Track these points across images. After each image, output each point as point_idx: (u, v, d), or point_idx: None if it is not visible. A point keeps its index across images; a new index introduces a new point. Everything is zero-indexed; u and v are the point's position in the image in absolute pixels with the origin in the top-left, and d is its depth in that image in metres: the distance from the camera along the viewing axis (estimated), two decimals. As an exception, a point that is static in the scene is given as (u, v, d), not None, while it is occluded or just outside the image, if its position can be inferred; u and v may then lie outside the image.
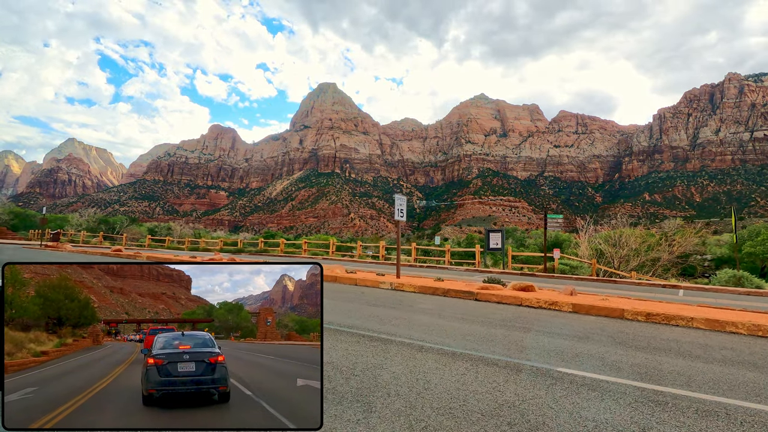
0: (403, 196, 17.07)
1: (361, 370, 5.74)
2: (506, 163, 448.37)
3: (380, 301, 12.41)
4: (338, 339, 7.51)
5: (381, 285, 15.59)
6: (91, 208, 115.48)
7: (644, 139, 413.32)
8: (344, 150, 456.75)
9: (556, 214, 27.88)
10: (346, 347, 6.96)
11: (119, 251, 30.31)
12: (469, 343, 7.57)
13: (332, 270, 17.83)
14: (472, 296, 13.12)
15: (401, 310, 10.80)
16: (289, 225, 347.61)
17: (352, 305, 11.40)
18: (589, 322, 9.96)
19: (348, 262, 32.75)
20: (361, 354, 6.57)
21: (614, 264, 31.85)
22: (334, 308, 10.79)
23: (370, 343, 7.33)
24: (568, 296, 12.17)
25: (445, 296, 13.69)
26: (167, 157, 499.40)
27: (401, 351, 6.85)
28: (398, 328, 8.65)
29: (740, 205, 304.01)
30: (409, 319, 9.72)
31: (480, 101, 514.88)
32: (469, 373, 5.78)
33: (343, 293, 13.88)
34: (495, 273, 25.52)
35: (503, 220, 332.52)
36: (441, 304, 12.01)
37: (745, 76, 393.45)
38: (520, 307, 11.86)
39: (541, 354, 6.95)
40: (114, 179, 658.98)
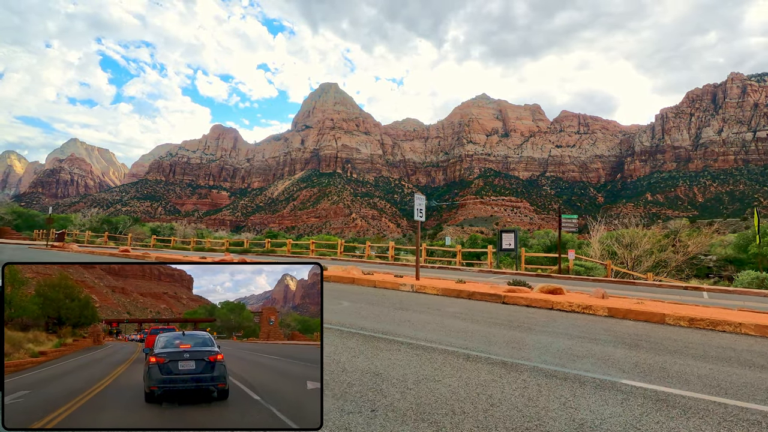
0: (422, 196, 16.65)
1: (414, 383, 5.31)
2: (508, 163, 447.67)
3: (405, 304, 11.99)
4: (377, 347, 7.08)
5: (401, 287, 15.16)
6: (93, 208, 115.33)
7: (646, 139, 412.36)
8: (346, 150, 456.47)
9: (571, 215, 27.36)
10: (388, 356, 6.54)
11: (127, 251, 29.95)
12: (515, 351, 7.14)
13: (349, 271, 17.42)
14: (499, 299, 12.69)
15: (431, 314, 10.38)
16: (290, 225, 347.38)
17: (378, 309, 10.98)
18: (631, 328, 9.52)
19: (357, 262, 32.33)
20: (408, 364, 6.15)
21: (627, 265, 31.37)
22: (361, 312, 10.38)
23: (411, 351, 6.90)
24: (601, 299, 11.71)
25: (470, 299, 13.24)
26: (169, 157, 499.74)
27: (447, 360, 6.43)
28: (435, 334, 8.22)
29: (743, 205, 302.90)
30: (441, 323, 9.30)
31: (481, 101, 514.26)
32: (531, 386, 5.35)
33: (365, 296, 13.47)
34: (509, 274, 25.08)
35: (505, 220, 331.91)
36: (469, 308, 11.57)
37: (748, 76, 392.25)
38: (552, 311, 11.42)
39: (596, 364, 6.52)
40: (116, 179, 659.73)
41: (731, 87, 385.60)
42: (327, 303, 11.74)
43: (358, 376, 5.46)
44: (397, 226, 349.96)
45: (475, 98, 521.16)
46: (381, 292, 14.43)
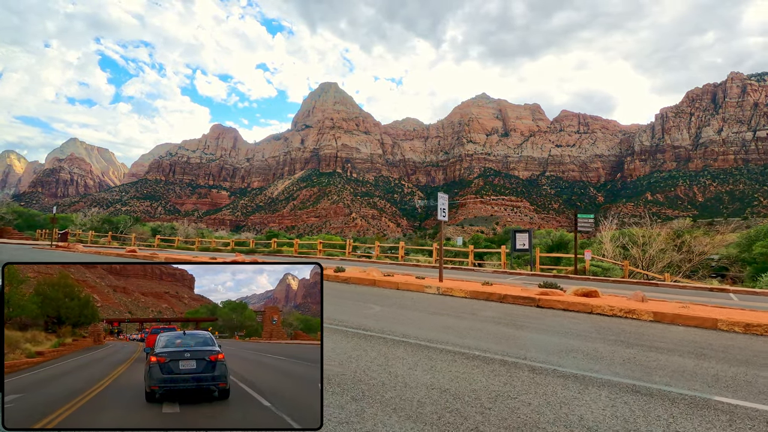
0: (445, 195, 16.11)
1: (489, 401, 4.77)
2: (508, 162, 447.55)
3: (437, 308, 11.46)
4: (429, 356, 6.53)
5: (426, 289, 14.62)
6: (93, 207, 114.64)
7: (646, 139, 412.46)
8: (346, 150, 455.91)
9: (587, 214, 26.83)
10: (446, 367, 6.00)
11: (134, 252, 29.39)
12: (579, 361, 6.61)
13: (369, 273, 16.90)
14: (533, 302, 12.17)
15: (469, 320, 9.85)
16: (290, 225, 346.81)
17: (412, 313, 10.45)
18: (684, 334, 9.00)
19: (367, 262, 31.81)
20: (472, 377, 5.60)
21: (641, 265, 30.83)
22: (396, 317, 9.84)
23: (468, 361, 6.36)
24: (642, 303, 11.21)
25: (501, 303, 12.69)
26: (169, 156, 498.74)
27: (512, 372, 5.89)
28: (484, 341, 7.68)
29: (743, 204, 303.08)
30: (485, 330, 8.77)
31: (481, 101, 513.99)
32: (618, 405, 4.81)
33: (392, 299, 12.92)
34: (525, 275, 24.59)
35: (505, 219, 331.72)
36: (505, 312, 11.05)
37: (748, 76, 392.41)
38: (592, 315, 10.89)
39: (674, 377, 5.98)
40: (116, 179, 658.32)
41: (731, 86, 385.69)
42: (357, 307, 11.24)
43: (425, 393, 4.93)
44: (397, 226, 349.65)
45: (475, 98, 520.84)
46: (406, 295, 13.88)
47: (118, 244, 54.50)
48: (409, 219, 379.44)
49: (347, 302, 12.13)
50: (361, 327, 8.61)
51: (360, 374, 5.53)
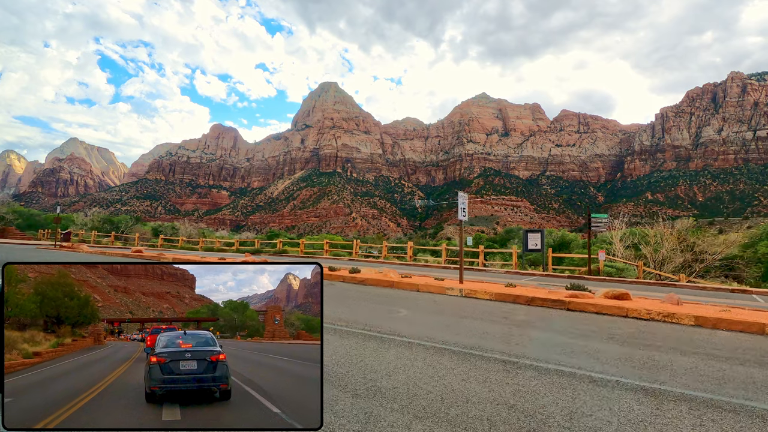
0: (465, 194, 15.69)
1: (566, 419, 4.35)
2: (508, 162, 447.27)
3: (466, 311, 11.07)
4: (480, 366, 6.10)
5: (448, 291, 14.23)
6: (93, 207, 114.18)
7: (646, 138, 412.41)
8: (346, 149, 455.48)
9: (601, 214, 26.39)
10: (503, 378, 5.58)
11: (140, 252, 28.94)
12: (637, 371, 6.20)
13: (386, 274, 16.53)
14: (563, 305, 11.81)
15: (504, 325, 9.45)
16: (290, 224, 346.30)
17: (442, 318, 10.06)
18: (735, 340, 8.61)
19: (375, 263, 31.41)
20: (537, 391, 5.18)
21: (652, 265, 30.40)
22: (427, 322, 9.43)
23: (522, 372, 5.94)
24: (678, 306, 10.80)
25: (529, 305, 12.30)
26: (169, 156, 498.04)
27: (574, 384, 5.48)
28: (529, 349, 7.29)
29: (743, 204, 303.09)
30: (527, 336, 8.42)
31: (481, 100, 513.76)
32: (709, 425, 4.39)
33: (415, 302, 12.53)
34: (539, 275, 24.18)
35: (505, 219, 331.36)
36: (537, 316, 10.69)
37: (748, 75, 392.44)
38: (627, 318, 10.50)
39: (751, 389, 5.56)
40: (116, 179, 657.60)
41: (731, 86, 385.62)
42: (383, 310, 10.85)
43: (492, 410, 4.50)
44: (398, 226, 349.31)
45: (475, 97, 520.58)
46: (428, 297, 13.51)
47: (121, 244, 54.05)
48: (409, 219, 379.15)
49: (371, 305, 11.77)
50: (395, 332, 8.22)
51: (413, 387, 5.17)
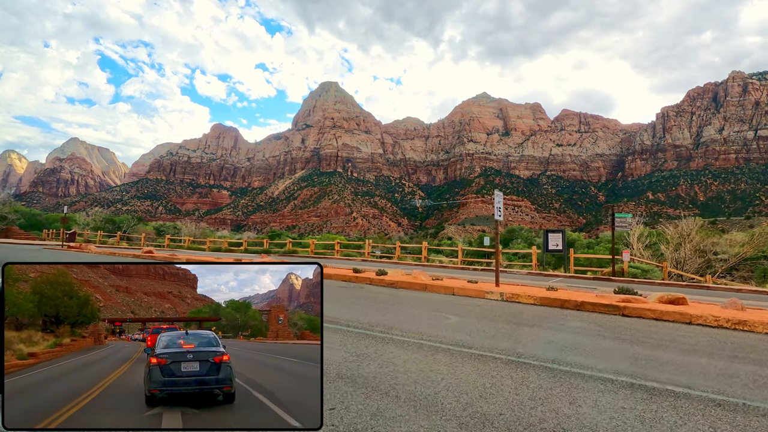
0: (500, 193, 16.11)
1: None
2: (509, 162, 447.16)
3: (517, 317, 10.71)
4: (577, 385, 5.63)
5: (487, 295, 13.78)
6: (94, 207, 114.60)
7: (647, 138, 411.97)
8: (346, 149, 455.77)
9: (625, 213, 26.02)
10: (611, 401, 5.14)
11: (150, 252, 29.33)
12: (739, 389, 5.80)
13: (417, 277, 16.19)
14: (617, 311, 11.48)
15: (566, 333, 9.16)
16: (291, 224, 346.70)
17: (497, 325, 9.75)
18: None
19: (388, 263, 31.48)
20: (663, 417, 4.75)
21: (672, 266, 30.10)
22: (485, 330, 9.07)
23: (630, 392, 5.54)
24: (745, 312, 10.67)
25: (579, 310, 11.93)
26: (169, 156, 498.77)
27: (695, 407, 5.09)
28: (617, 363, 6.84)
29: (744, 204, 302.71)
30: (599, 346, 8.01)
31: (482, 100, 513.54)
32: None
33: (459, 307, 12.15)
34: (563, 277, 24.34)
35: (507, 219, 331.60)
36: (597, 323, 10.33)
37: (749, 75, 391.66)
38: (692, 326, 10.19)
39: None
40: (116, 179, 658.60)
41: (732, 85, 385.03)
42: (429, 317, 10.57)
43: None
44: (398, 225, 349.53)
45: (476, 97, 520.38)
46: (469, 302, 13.01)
47: (127, 244, 54.31)
48: (410, 218, 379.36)
49: (412, 310, 11.27)
50: (456, 342, 7.76)
51: (519, 413, 4.60)
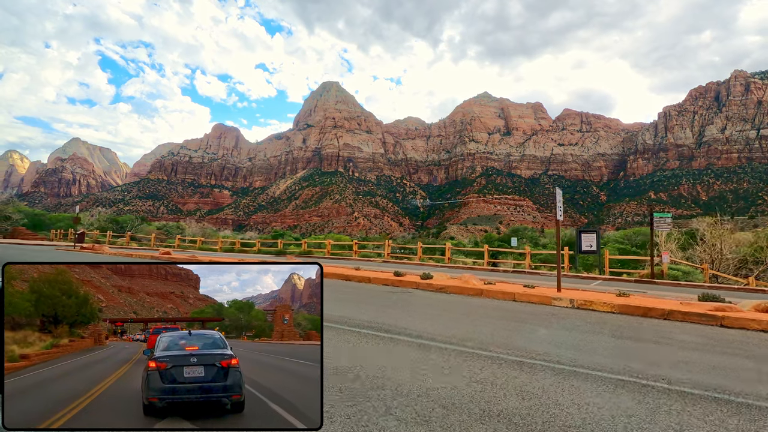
0: (560, 190, 15.89)
1: None
2: (510, 161, 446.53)
3: (618, 331, 10.04)
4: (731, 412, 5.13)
5: (555, 302, 13.21)
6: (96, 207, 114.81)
7: (649, 138, 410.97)
8: (347, 149, 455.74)
9: (665, 212, 24.95)
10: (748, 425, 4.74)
11: (168, 253, 29.23)
12: None
13: (467, 281, 15.49)
14: (715, 321, 10.87)
15: (673, 347, 8.60)
16: (293, 224, 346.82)
17: (591, 338, 9.22)
18: None
19: (409, 264, 31.04)
20: None
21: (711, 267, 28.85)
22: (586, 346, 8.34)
23: None
24: None
25: (667, 319, 11.37)
26: (171, 156, 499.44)
27: None
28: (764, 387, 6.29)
29: (747, 203, 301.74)
30: (744, 367, 7.36)
31: (483, 99, 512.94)
32: None
33: (531, 315, 11.62)
34: (602, 279, 23.93)
35: (509, 218, 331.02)
36: (701, 335, 9.83)
37: (752, 74, 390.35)
38: None
39: None
40: (118, 179, 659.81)
41: (734, 84, 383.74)
42: (513, 328, 10.03)
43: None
44: (400, 225, 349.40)
45: (477, 96, 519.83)
46: (539, 310, 12.39)
47: (137, 244, 54.15)
48: (411, 218, 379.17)
49: (489, 320, 10.74)
50: (563, 360, 7.17)
51: None
